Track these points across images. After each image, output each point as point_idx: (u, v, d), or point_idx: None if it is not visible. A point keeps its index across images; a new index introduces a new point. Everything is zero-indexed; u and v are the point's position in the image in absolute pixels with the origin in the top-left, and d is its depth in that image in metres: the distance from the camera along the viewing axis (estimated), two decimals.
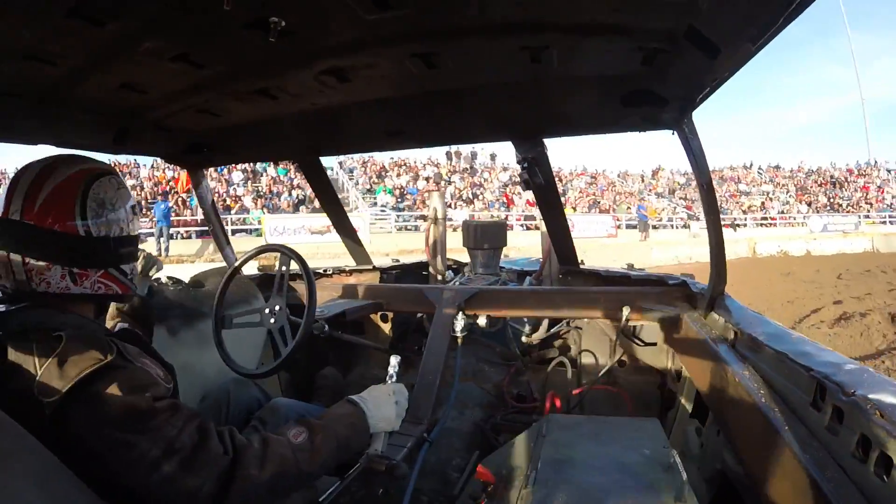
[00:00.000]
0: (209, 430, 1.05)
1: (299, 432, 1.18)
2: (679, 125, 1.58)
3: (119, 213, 1.15)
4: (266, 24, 1.12)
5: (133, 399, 0.97)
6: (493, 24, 1.22)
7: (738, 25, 1.05)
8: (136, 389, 0.99)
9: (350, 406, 1.34)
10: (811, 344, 1.33)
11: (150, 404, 0.99)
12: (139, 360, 1.07)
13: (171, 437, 0.98)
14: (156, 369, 1.11)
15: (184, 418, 1.03)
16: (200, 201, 2.56)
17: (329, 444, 1.21)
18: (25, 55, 1.18)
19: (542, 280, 3.04)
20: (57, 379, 0.94)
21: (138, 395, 0.99)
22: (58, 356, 0.96)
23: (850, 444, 0.96)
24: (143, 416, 0.97)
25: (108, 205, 1.13)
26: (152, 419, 0.98)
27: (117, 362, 1.00)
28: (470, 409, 2.26)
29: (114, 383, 0.97)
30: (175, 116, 1.77)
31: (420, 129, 2.01)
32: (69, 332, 1.00)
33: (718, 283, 1.85)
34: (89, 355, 0.98)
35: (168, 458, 0.97)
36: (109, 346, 1.01)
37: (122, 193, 1.17)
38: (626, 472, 1.13)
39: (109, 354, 0.99)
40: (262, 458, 1.08)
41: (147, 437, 0.96)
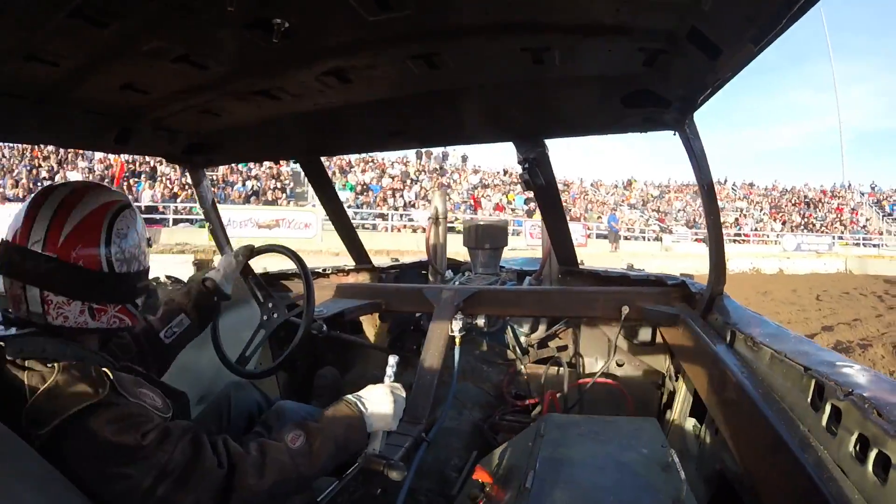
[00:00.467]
0: (202, 443, 1.05)
1: (297, 436, 1.18)
2: (681, 126, 1.58)
3: (139, 248, 1.16)
4: (268, 24, 1.12)
5: (123, 437, 0.97)
6: (495, 25, 1.22)
7: (739, 26, 1.05)
8: (127, 428, 0.98)
9: (347, 406, 1.34)
10: (809, 343, 1.33)
11: (139, 441, 0.98)
12: (135, 393, 1.06)
13: (162, 463, 0.98)
14: (154, 400, 1.09)
15: (175, 439, 1.02)
16: (201, 200, 2.56)
17: (327, 447, 1.21)
18: (27, 55, 1.18)
19: (542, 280, 3.05)
20: (47, 412, 0.93)
21: (128, 433, 0.98)
22: (49, 389, 0.96)
23: (848, 444, 0.96)
24: (132, 451, 0.97)
25: (130, 239, 1.14)
26: (143, 452, 0.98)
27: (109, 399, 0.99)
28: (468, 408, 2.26)
29: (104, 421, 0.96)
30: (176, 116, 1.77)
31: (421, 129, 2.01)
32: (64, 364, 0.99)
33: (717, 283, 1.86)
34: (81, 391, 0.97)
35: (161, 482, 0.97)
36: (102, 381, 1.00)
37: (139, 226, 1.18)
38: (624, 471, 1.13)
39: (102, 391, 0.98)
40: (261, 467, 1.08)
41: (138, 468, 0.96)
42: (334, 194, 2.92)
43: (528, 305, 2.39)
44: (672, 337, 2.07)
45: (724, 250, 1.82)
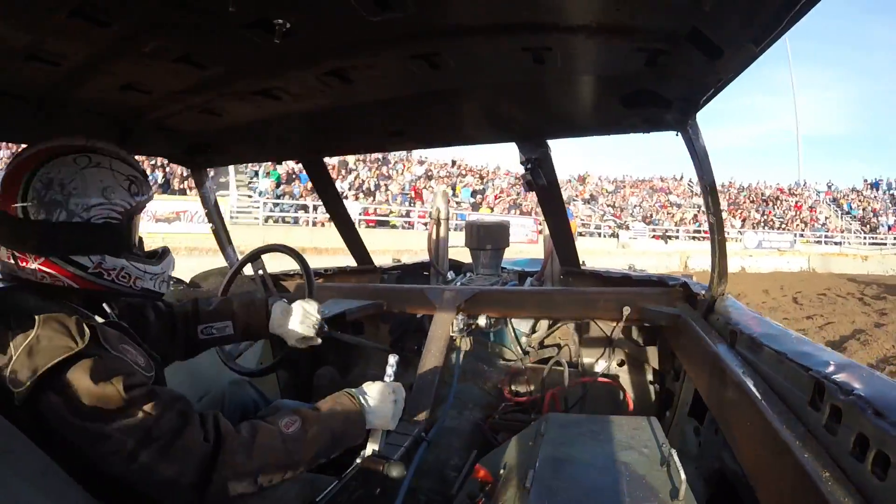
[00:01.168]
0: (190, 415, 1.04)
1: (292, 421, 1.16)
2: (682, 126, 1.58)
3: (72, 197, 1.02)
4: (269, 24, 1.12)
5: (104, 388, 0.95)
6: (495, 25, 1.22)
7: (740, 27, 1.05)
8: (108, 377, 0.96)
9: (348, 400, 1.32)
10: (810, 344, 1.33)
11: (122, 393, 0.96)
12: (118, 347, 1.04)
13: (147, 426, 0.97)
14: (136, 357, 1.08)
15: (162, 404, 1.00)
16: (203, 201, 2.56)
17: (322, 437, 1.19)
18: (27, 56, 1.18)
19: (544, 281, 3.05)
20: (26, 369, 0.92)
21: (110, 383, 0.96)
22: (29, 344, 0.94)
23: (847, 443, 0.96)
24: (115, 405, 0.95)
25: (55, 185, 1.02)
26: (126, 409, 0.96)
27: (89, 350, 0.97)
28: (469, 408, 2.26)
29: (84, 372, 0.95)
30: (177, 117, 1.78)
31: (422, 129, 2.02)
32: (45, 317, 0.98)
33: (719, 283, 1.86)
34: (60, 343, 0.95)
35: (145, 446, 0.95)
36: (82, 332, 0.98)
37: (87, 174, 1.05)
38: (624, 470, 1.13)
39: (81, 341, 0.97)
40: (249, 447, 1.07)
41: (121, 428, 0.94)
42: (336, 195, 2.93)
43: (530, 306, 2.39)
44: (673, 337, 2.07)
45: (725, 251, 1.82)
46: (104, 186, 1.07)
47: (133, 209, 1.13)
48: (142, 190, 1.15)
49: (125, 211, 1.10)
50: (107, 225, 1.07)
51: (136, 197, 1.13)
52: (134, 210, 1.13)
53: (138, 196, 1.13)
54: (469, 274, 3.36)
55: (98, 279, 1.09)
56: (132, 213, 1.13)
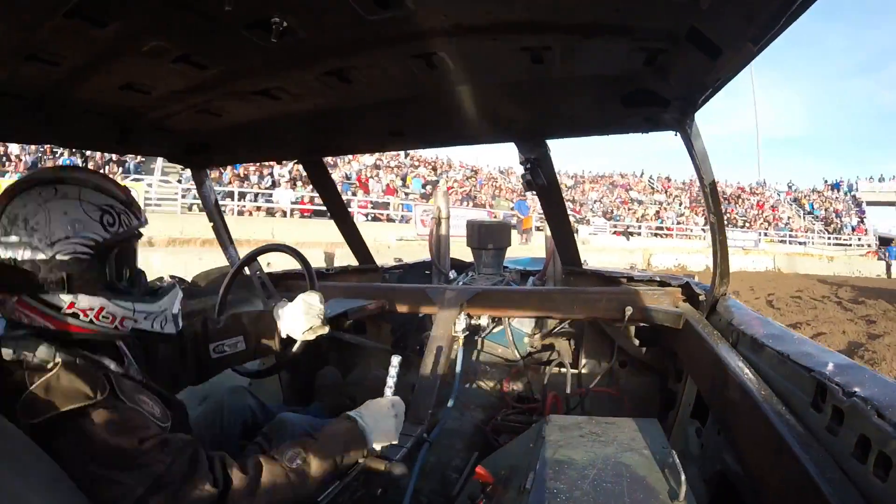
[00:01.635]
0: (200, 461, 1.03)
1: (295, 455, 1.15)
2: (681, 126, 1.58)
3: (35, 233, 0.98)
4: (267, 24, 1.12)
5: (119, 440, 0.95)
6: (494, 25, 1.22)
7: (739, 26, 1.05)
8: (123, 431, 0.96)
9: (348, 423, 1.31)
10: (812, 345, 1.33)
11: (136, 445, 0.96)
12: (134, 398, 1.03)
13: (158, 474, 0.96)
14: (152, 408, 1.07)
15: (174, 452, 1.00)
16: (203, 201, 2.56)
17: (325, 467, 1.19)
18: (27, 56, 1.18)
19: (546, 280, 3.04)
20: (42, 404, 0.92)
21: (125, 436, 0.96)
22: (49, 380, 0.94)
23: (849, 445, 0.96)
24: (129, 455, 0.95)
25: (19, 222, 0.98)
26: (138, 459, 0.95)
27: (107, 402, 0.97)
28: (470, 409, 2.26)
29: (100, 422, 0.94)
30: (177, 116, 1.78)
31: (421, 129, 2.01)
32: (65, 361, 0.98)
33: (720, 284, 1.85)
34: (80, 388, 0.95)
35: (154, 493, 0.94)
36: (102, 384, 0.98)
37: (51, 207, 0.99)
38: (625, 472, 1.13)
39: (100, 393, 0.96)
40: (254, 488, 1.06)
41: (132, 475, 0.94)
42: (337, 194, 2.93)
43: (532, 306, 2.39)
44: (675, 338, 2.06)
45: (727, 251, 1.81)
46: (70, 220, 1.00)
47: (108, 242, 1.04)
48: (119, 220, 1.06)
49: (97, 244, 1.03)
50: (75, 260, 1.00)
51: (111, 228, 1.04)
52: (110, 243, 1.05)
53: (113, 227, 1.05)
54: (471, 273, 3.36)
55: (76, 320, 1.02)
56: (108, 246, 1.05)
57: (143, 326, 1.12)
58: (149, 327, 1.13)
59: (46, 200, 1.00)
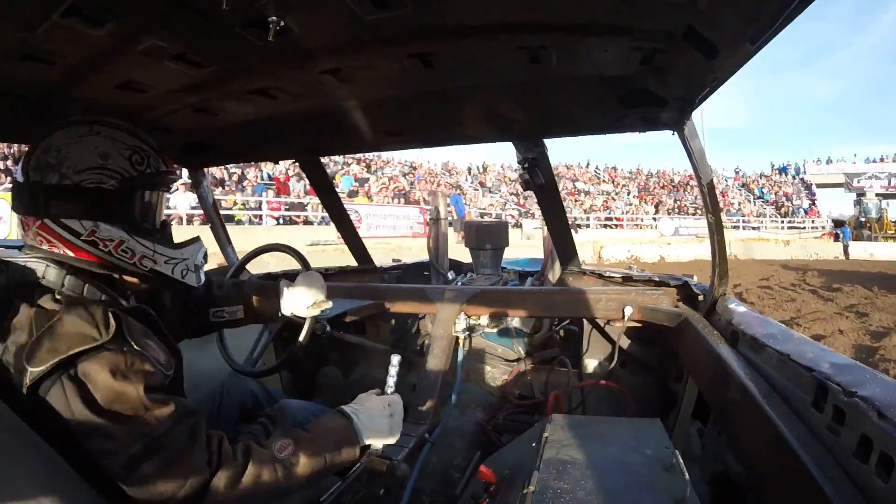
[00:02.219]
0: (200, 433, 1.01)
1: (285, 445, 1.12)
2: (679, 125, 1.58)
3: (65, 161, 1.02)
4: (265, 23, 1.12)
5: (122, 386, 0.92)
6: (492, 24, 1.22)
7: (736, 26, 1.05)
8: (128, 375, 0.94)
9: (342, 420, 1.27)
10: (813, 345, 1.33)
11: (140, 395, 0.94)
12: (141, 341, 1.01)
13: (156, 435, 0.94)
14: (158, 353, 1.05)
15: (176, 416, 0.98)
16: (201, 201, 2.56)
17: (316, 461, 1.16)
18: (23, 55, 1.18)
19: (544, 281, 3.05)
20: (45, 351, 0.90)
21: (129, 382, 0.93)
22: (52, 325, 0.93)
23: (851, 445, 0.96)
24: (130, 406, 0.93)
25: (52, 151, 1.02)
26: (140, 413, 0.93)
27: (113, 343, 0.95)
28: (472, 409, 2.26)
29: (104, 366, 0.92)
30: (174, 116, 1.77)
31: (419, 129, 2.01)
32: (69, 299, 0.98)
33: (720, 283, 1.85)
34: (84, 331, 0.94)
35: (149, 456, 0.92)
36: (108, 323, 0.96)
37: (84, 141, 1.04)
38: (627, 472, 1.13)
39: (105, 332, 0.95)
40: (240, 474, 1.03)
41: (129, 430, 0.91)
42: (335, 194, 2.92)
43: (531, 306, 2.39)
44: (675, 338, 2.06)
45: (725, 250, 1.81)
46: (100, 152, 1.04)
47: (135, 179, 1.07)
48: (148, 162, 1.10)
49: (123, 179, 1.06)
50: (98, 190, 1.03)
51: (139, 167, 1.08)
52: (136, 180, 1.08)
53: (142, 167, 1.08)
54: (469, 274, 3.36)
55: (93, 248, 1.04)
56: (134, 182, 1.08)
57: (162, 269, 1.13)
58: (169, 272, 1.14)
59: (81, 135, 1.05)
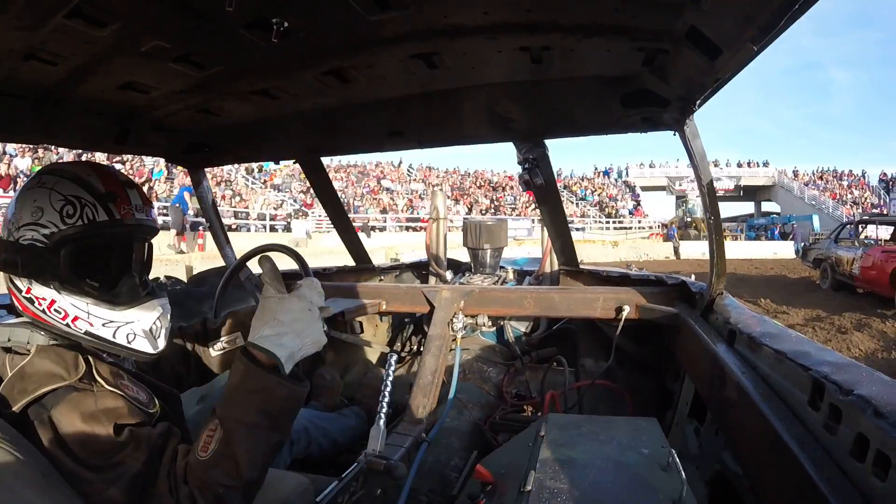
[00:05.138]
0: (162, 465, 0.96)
1: (208, 440, 0.97)
2: (680, 126, 1.58)
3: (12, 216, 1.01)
4: (268, 24, 1.12)
5: (91, 427, 0.90)
6: (494, 25, 1.22)
7: (739, 26, 1.05)
8: (98, 416, 0.92)
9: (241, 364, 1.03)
10: (810, 344, 1.33)
11: (111, 436, 0.91)
12: (113, 382, 0.99)
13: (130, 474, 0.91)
14: (136, 392, 1.02)
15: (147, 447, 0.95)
16: (200, 201, 2.56)
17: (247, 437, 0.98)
18: (26, 55, 1.18)
19: (542, 280, 3.05)
20: (16, 392, 0.90)
21: (99, 422, 0.91)
22: (24, 366, 0.93)
23: (847, 443, 0.96)
24: (99, 449, 0.90)
25: (10, 205, 1.03)
26: (111, 455, 0.91)
27: (81, 383, 0.94)
28: (469, 408, 2.26)
29: (73, 408, 0.90)
30: (176, 116, 1.77)
31: (421, 129, 2.01)
32: (42, 346, 0.97)
33: (717, 282, 1.86)
34: (52, 370, 0.93)
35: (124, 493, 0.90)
36: (76, 364, 0.96)
37: (27, 194, 1.01)
38: (624, 471, 1.13)
39: (74, 373, 0.94)
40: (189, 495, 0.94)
41: (102, 476, 0.89)
42: (334, 194, 2.92)
43: (529, 305, 2.39)
44: (672, 337, 2.07)
45: (724, 250, 1.82)
46: (35, 206, 0.98)
47: (64, 233, 0.98)
48: (81, 214, 0.99)
49: (52, 234, 0.98)
50: (31, 247, 0.98)
51: (68, 220, 0.98)
52: (66, 234, 0.98)
53: (72, 219, 0.98)
54: (468, 273, 3.36)
55: (31, 306, 1.00)
56: (64, 237, 0.98)
57: (99, 333, 1.02)
58: (109, 336, 1.03)
59: (29, 188, 1.02)
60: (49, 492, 0.83)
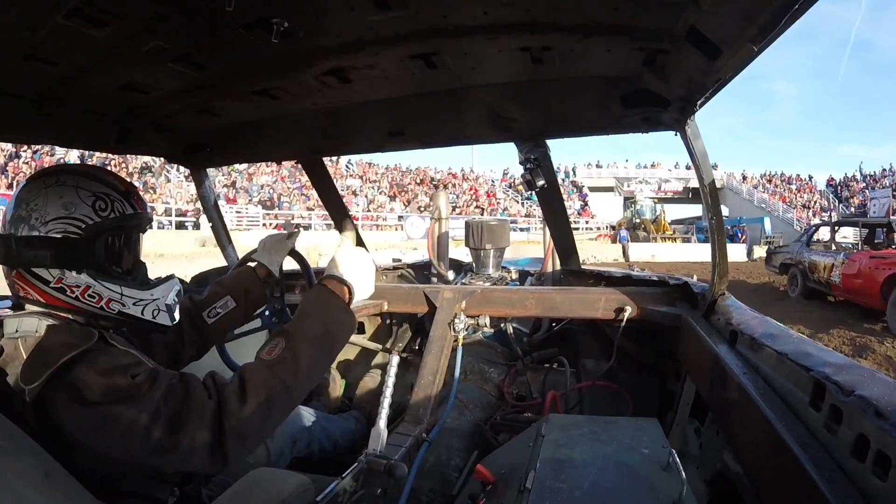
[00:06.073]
0: (191, 381, 1.05)
1: (273, 346, 1.14)
2: (681, 126, 1.58)
3: (33, 213, 1.06)
4: (268, 24, 1.12)
5: (112, 379, 0.97)
6: (494, 25, 1.22)
7: (739, 26, 1.05)
8: (117, 370, 0.99)
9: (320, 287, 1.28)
10: (812, 344, 1.33)
11: (130, 381, 0.98)
12: (125, 345, 1.07)
13: (156, 400, 0.98)
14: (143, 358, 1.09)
15: (166, 380, 1.02)
16: (202, 200, 2.56)
17: (310, 344, 1.16)
18: (26, 55, 1.18)
19: (544, 280, 3.04)
20: (38, 366, 0.95)
21: (118, 375, 0.98)
22: (40, 343, 0.98)
23: (848, 444, 0.96)
24: (125, 391, 0.97)
25: (22, 204, 1.07)
26: (135, 391, 0.98)
27: (98, 346, 1.01)
28: (470, 409, 2.26)
29: (92, 366, 0.97)
30: (176, 116, 1.78)
31: (421, 129, 2.01)
32: (49, 324, 1.02)
33: (719, 283, 1.85)
34: (70, 342, 0.98)
35: (156, 421, 0.96)
36: (90, 333, 1.02)
37: (49, 192, 1.07)
38: (625, 472, 1.13)
39: (90, 340, 1.00)
40: (241, 391, 1.06)
41: (132, 406, 0.96)
42: (337, 195, 2.93)
43: (530, 306, 2.39)
44: (674, 337, 2.07)
45: (726, 250, 1.82)
46: (64, 202, 1.07)
47: (99, 225, 1.09)
48: (112, 207, 1.12)
49: (88, 226, 1.08)
50: (64, 239, 1.07)
51: (102, 213, 1.10)
52: (101, 226, 1.10)
53: (105, 213, 1.10)
54: (469, 273, 3.36)
55: (62, 295, 1.08)
56: (99, 229, 1.10)
57: (131, 311, 1.15)
58: (138, 313, 1.16)
59: (47, 187, 1.08)
60: (51, 491, 0.83)
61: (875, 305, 8.01)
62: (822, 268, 9.51)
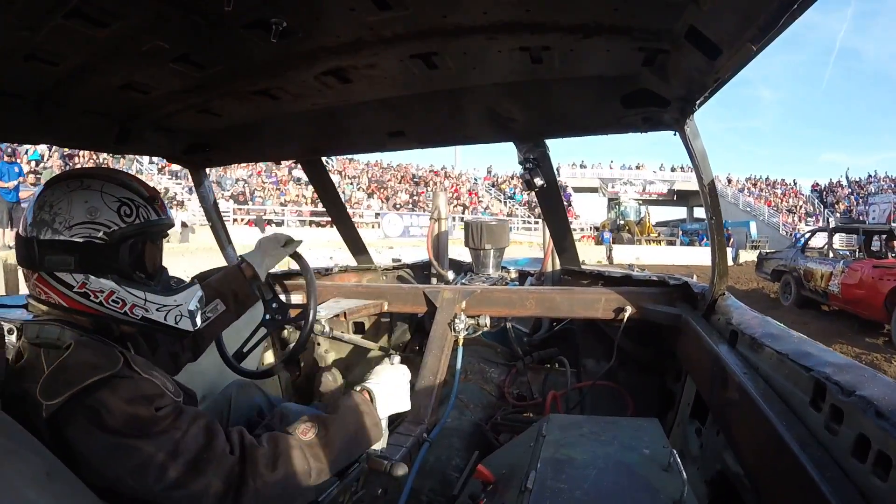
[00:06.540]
0: (215, 430, 1.04)
1: (308, 428, 1.16)
2: (680, 126, 1.58)
3: (57, 217, 1.05)
4: (267, 24, 1.12)
5: (135, 409, 0.96)
6: (493, 25, 1.22)
7: (738, 26, 1.05)
8: (140, 400, 0.98)
9: (360, 395, 1.32)
10: (812, 344, 1.33)
11: (153, 413, 0.98)
12: (147, 372, 1.05)
13: (175, 440, 0.98)
14: (165, 382, 1.08)
15: (188, 420, 1.02)
16: (202, 200, 2.56)
17: (340, 438, 1.19)
18: (26, 55, 1.18)
19: (544, 280, 3.05)
20: (59, 384, 0.94)
21: (142, 405, 0.97)
22: (64, 360, 0.97)
23: (848, 444, 0.96)
24: (145, 423, 0.96)
25: (46, 207, 1.06)
26: (156, 424, 0.97)
27: (123, 372, 0.99)
28: (470, 408, 2.26)
29: (116, 393, 0.96)
30: (176, 116, 1.78)
31: (421, 129, 2.01)
32: (78, 340, 1.01)
33: (719, 283, 1.85)
34: (95, 364, 0.97)
35: (173, 460, 0.96)
36: (116, 357, 1.01)
37: (74, 196, 1.07)
38: (625, 472, 1.13)
39: (115, 364, 0.99)
40: (274, 459, 1.07)
41: (151, 442, 0.95)
42: (336, 195, 2.93)
43: (531, 306, 2.39)
44: (674, 337, 2.07)
45: (725, 250, 1.82)
46: (89, 207, 1.07)
47: (124, 231, 1.09)
48: (137, 213, 1.12)
49: (112, 232, 1.08)
50: (89, 244, 1.06)
51: (127, 219, 1.10)
52: (126, 232, 1.10)
53: (130, 218, 1.10)
54: (469, 273, 3.36)
55: (85, 300, 1.07)
56: (124, 234, 1.09)
57: (154, 317, 1.15)
58: (161, 319, 1.16)
59: (72, 190, 1.08)
60: (52, 491, 0.83)
61: (877, 317, 7.58)
62: (820, 276, 8.91)
